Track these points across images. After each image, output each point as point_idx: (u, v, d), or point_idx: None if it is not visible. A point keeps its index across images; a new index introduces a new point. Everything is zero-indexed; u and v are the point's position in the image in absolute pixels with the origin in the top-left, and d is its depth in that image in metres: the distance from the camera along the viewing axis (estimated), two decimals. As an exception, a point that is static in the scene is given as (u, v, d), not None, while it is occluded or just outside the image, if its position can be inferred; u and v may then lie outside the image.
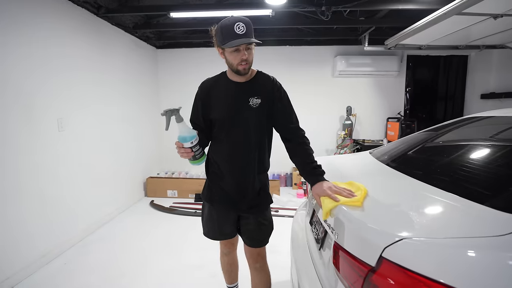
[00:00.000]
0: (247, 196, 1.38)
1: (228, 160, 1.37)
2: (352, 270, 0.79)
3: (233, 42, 1.16)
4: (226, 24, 1.18)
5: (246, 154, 1.34)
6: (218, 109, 1.34)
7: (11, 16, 2.09)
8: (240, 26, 1.15)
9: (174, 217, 3.46)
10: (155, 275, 2.25)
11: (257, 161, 1.37)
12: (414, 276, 0.65)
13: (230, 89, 1.33)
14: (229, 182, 1.39)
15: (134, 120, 3.91)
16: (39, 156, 2.34)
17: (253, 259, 1.51)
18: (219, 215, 1.46)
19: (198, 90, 1.42)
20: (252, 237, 1.46)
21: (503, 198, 0.77)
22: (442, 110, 4.68)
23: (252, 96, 1.31)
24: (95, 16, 3.03)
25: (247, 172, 1.36)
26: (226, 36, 1.18)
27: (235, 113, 1.31)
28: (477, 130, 1.30)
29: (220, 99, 1.34)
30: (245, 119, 1.31)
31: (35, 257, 2.29)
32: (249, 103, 1.30)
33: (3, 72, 2.03)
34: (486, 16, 2.42)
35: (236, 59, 1.22)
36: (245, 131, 1.32)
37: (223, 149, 1.38)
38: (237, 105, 1.31)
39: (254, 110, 1.31)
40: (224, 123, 1.34)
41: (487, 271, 0.60)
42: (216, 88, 1.36)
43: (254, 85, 1.33)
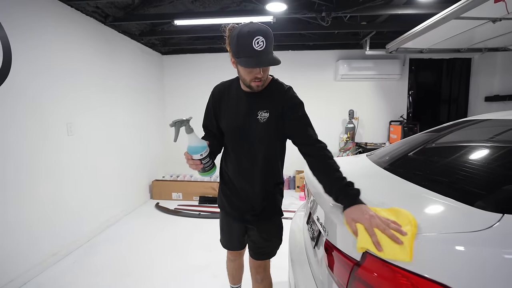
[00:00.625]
0: (254, 209, 1.34)
1: (235, 171, 1.34)
2: (340, 264, 0.83)
3: (249, 62, 1.06)
4: (244, 35, 1.03)
5: (253, 167, 1.29)
6: (227, 119, 1.29)
7: (26, 28, 2.20)
8: (260, 41, 1.01)
9: (179, 219, 3.53)
10: (160, 275, 2.31)
11: (265, 173, 1.30)
12: (395, 269, 0.70)
13: (241, 100, 1.26)
14: (236, 193, 1.36)
15: (140, 124, 4.01)
16: (50, 160, 2.44)
17: (255, 270, 1.50)
18: (229, 225, 1.47)
19: (210, 95, 1.37)
20: (255, 250, 1.43)
21: (480, 197, 0.81)
22: (445, 113, 4.67)
23: (261, 110, 1.22)
24: (103, 24, 3.16)
25: (254, 185, 1.31)
26: (242, 49, 1.05)
27: (242, 126, 1.25)
28: (469, 133, 1.34)
29: (230, 108, 1.28)
30: (252, 133, 1.24)
31: (45, 256, 2.38)
32: (257, 117, 1.22)
33: (20, 81, 2.14)
34: (484, 20, 2.45)
35: (250, 76, 1.12)
36: (252, 144, 1.26)
37: (232, 159, 1.34)
38: (246, 117, 1.24)
39: (261, 125, 1.22)
40: (232, 134, 1.30)
41: (462, 262, 0.64)
42: (227, 95, 1.30)
43: (265, 97, 1.23)
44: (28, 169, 2.24)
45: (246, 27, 1.04)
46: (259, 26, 1.04)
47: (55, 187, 2.50)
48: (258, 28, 1.03)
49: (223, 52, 4.57)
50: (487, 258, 0.62)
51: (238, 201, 1.36)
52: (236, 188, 1.35)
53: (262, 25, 1.06)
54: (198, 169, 1.22)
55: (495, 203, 0.76)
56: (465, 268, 0.63)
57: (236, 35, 1.06)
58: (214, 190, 4.08)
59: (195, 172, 4.79)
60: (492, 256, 0.63)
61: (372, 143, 4.55)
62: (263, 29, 1.04)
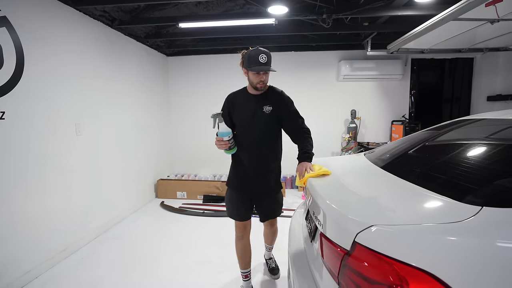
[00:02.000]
0: (261, 182, 1.80)
1: (247, 153, 1.78)
2: (332, 254, 0.90)
3: (256, 68, 1.63)
4: (254, 54, 1.63)
5: (260, 148, 1.77)
6: (240, 114, 1.78)
7: (38, 32, 2.30)
8: (263, 57, 1.61)
9: (184, 217, 3.61)
10: (165, 271, 2.39)
11: (270, 153, 1.81)
12: (383, 258, 0.76)
13: (249, 100, 1.77)
14: (247, 170, 1.79)
15: (145, 125, 4.10)
16: (59, 159, 2.54)
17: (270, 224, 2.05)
18: (238, 199, 1.85)
19: (225, 101, 1.85)
20: (265, 213, 1.92)
21: (463, 192, 0.87)
22: (448, 113, 4.69)
23: (265, 105, 1.75)
24: (110, 27, 3.25)
25: (261, 162, 1.79)
26: (252, 62, 1.63)
27: (252, 117, 1.75)
28: (461, 133, 1.39)
29: (242, 106, 1.78)
30: (260, 121, 1.75)
31: (54, 252, 2.48)
32: (263, 110, 1.75)
33: (31, 84, 2.24)
34: (483, 21, 2.48)
35: (256, 79, 1.68)
36: (260, 130, 1.76)
37: (244, 143, 1.78)
38: (254, 111, 1.75)
39: (266, 115, 1.75)
40: (244, 124, 1.78)
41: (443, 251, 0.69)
42: (238, 99, 1.81)
43: (267, 97, 1.78)
44: (39, 168, 2.34)
45: (254, 49, 1.65)
46: (263, 49, 1.65)
47: (64, 185, 2.60)
48: (261, 50, 1.65)
49: (226, 53, 4.65)
50: (466, 247, 0.68)
51: (248, 177, 1.80)
52: (247, 166, 1.79)
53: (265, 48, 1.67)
54: (225, 148, 1.70)
55: (477, 197, 0.82)
56: (445, 255, 0.69)
57: (248, 53, 1.67)
58: (218, 189, 4.16)
59: (199, 171, 4.91)
60: (470, 244, 0.68)
61: (374, 142, 4.59)
62: (265, 50, 1.65)
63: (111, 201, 3.31)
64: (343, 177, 1.33)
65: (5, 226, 2.06)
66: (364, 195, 0.99)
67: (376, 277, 0.75)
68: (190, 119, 4.93)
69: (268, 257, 2.35)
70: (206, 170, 4.95)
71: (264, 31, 3.67)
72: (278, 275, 2.25)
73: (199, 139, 4.91)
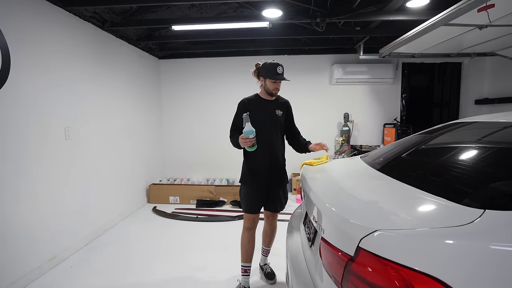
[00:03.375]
0: (275, 175, 2.05)
1: (262, 150, 1.97)
2: (335, 260, 0.88)
3: (275, 77, 1.93)
4: (271, 65, 1.93)
5: (274, 146, 2.03)
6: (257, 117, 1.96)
7: (25, 33, 2.23)
8: (280, 68, 1.94)
9: (177, 222, 3.55)
10: (158, 277, 2.33)
11: (280, 151, 2.08)
12: (387, 263, 0.75)
13: (264, 104, 2.04)
14: (262, 167, 2.01)
15: (137, 128, 4.03)
16: (48, 164, 2.45)
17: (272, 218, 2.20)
18: (255, 194, 2.04)
19: (240, 105, 2.04)
20: (275, 205, 2.11)
21: (465, 194, 0.86)
22: (438, 116, 4.78)
23: (278, 109, 2.06)
24: (101, 29, 3.19)
25: (274, 159, 2.03)
26: (269, 72, 1.93)
27: (269, 119, 2.02)
28: (457, 135, 1.40)
29: (258, 110, 2.00)
30: (274, 123, 2.03)
31: (43, 261, 2.38)
32: (276, 113, 2.05)
33: (18, 86, 2.16)
34: (472, 27, 2.54)
35: (273, 87, 1.97)
36: (274, 130, 2.03)
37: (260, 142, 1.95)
38: (269, 113, 2.03)
39: (279, 117, 2.06)
40: (261, 125, 1.95)
41: (447, 255, 0.69)
42: (252, 104, 2.03)
43: (278, 102, 2.09)
44: (27, 173, 2.25)
45: (272, 62, 1.95)
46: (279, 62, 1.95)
47: (53, 191, 2.52)
48: (278, 63, 1.95)
49: (219, 56, 4.63)
50: (471, 250, 0.68)
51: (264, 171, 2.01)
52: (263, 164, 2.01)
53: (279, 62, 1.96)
54: (250, 145, 1.88)
55: (478, 200, 0.82)
56: (451, 260, 0.68)
57: (267, 64, 1.95)
58: (212, 193, 4.11)
59: (192, 175, 4.85)
60: (475, 248, 0.68)
61: (367, 145, 4.63)
62: (280, 63, 1.95)
63: (102, 207, 3.22)
64: (341, 180, 1.32)
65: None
66: (365, 199, 0.98)
67: (382, 282, 0.74)
68: (182, 122, 4.88)
69: (263, 262, 2.37)
70: (199, 174, 4.89)
71: (258, 34, 3.67)
72: (274, 280, 2.25)
73: (192, 142, 4.86)
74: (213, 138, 4.81)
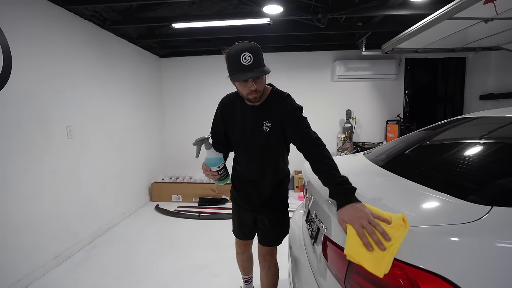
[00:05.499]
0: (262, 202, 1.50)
1: (245, 172, 1.51)
2: (338, 258, 0.86)
3: (239, 76, 1.17)
4: (233, 53, 1.17)
5: (260, 168, 1.45)
6: (235, 131, 1.43)
7: (26, 33, 2.23)
8: (247, 56, 1.14)
9: (179, 220, 3.55)
10: (161, 275, 2.33)
11: (270, 173, 1.46)
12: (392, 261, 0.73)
13: (246, 113, 1.38)
14: (247, 190, 1.52)
15: (138, 127, 4.03)
16: (50, 163, 2.46)
17: (262, 257, 1.62)
18: (240, 216, 1.62)
19: (217, 107, 1.49)
20: (264, 235, 1.58)
21: (471, 191, 0.84)
22: (442, 112, 4.73)
23: (264, 121, 1.34)
24: (101, 28, 3.18)
25: (261, 183, 1.47)
26: (233, 67, 1.18)
27: (249, 137, 1.39)
28: (462, 131, 1.38)
29: (237, 121, 1.41)
30: (258, 142, 1.38)
31: (46, 259, 2.39)
32: (262, 127, 1.35)
33: (19, 86, 2.16)
34: (477, 20, 2.50)
35: (245, 90, 1.23)
36: (258, 151, 1.40)
37: (242, 161, 1.51)
38: (251, 129, 1.37)
39: (266, 134, 1.35)
40: (240, 144, 1.45)
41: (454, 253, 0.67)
42: (233, 108, 1.42)
43: (266, 108, 1.35)
44: (29, 173, 2.26)
45: (234, 47, 1.18)
46: (246, 43, 1.17)
47: (56, 190, 2.52)
48: (243, 46, 1.16)
49: (220, 54, 4.59)
50: (478, 248, 0.66)
51: (248, 196, 1.52)
52: (246, 185, 1.51)
53: (250, 42, 1.18)
54: (215, 179, 1.35)
55: (485, 196, 0.80)
56: (457, 258, 0.66)
57: (227, 54, 1.20)
58: (214, 191, 4.10)
59: (194, 173, 4.85)
60: (482, 246, 0.66)
61: (369, 142, 4.60)
62: (249, 45, 1.16)
63: (105, 206, 3.23)
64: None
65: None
66: (369, 196, 0.96)
67: (386, 281, 0.72)
68: (184, 120, 4.87)
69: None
70: (201, 172, 4.85)
71: (259, 31, 3.64)
72: None
73: (193, 140, 4.84)
74: (215, 136, 4.80)
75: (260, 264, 1.66)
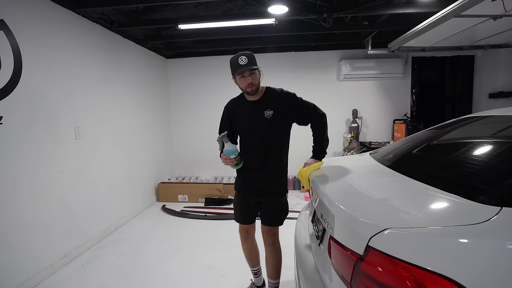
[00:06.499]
0: (266, 185, 1.76)
1: (251, 160, 1.76)
2: (343, 259, 0.86)
3: (238, 71, 1.58)
4: (234, 58, 1.61)
5: (264, 154, 1.72)
6: (241, 123, 1.77)
7: (36, 36, 2.27)
8: (243, 58, 1.57)
9: (185, 220, 3.57)
10: (168, 275, 2.35)
11: (273, 159, 1.75)
12: (398, 263, 0.72)
13: (248, 108, 1.73)
14: (252, 174, 1.77)
15: (145, 128, 4.07)
16: (59, 164, 2.50)
17: (266, 234, 1.85)
18: (244, 202, 1.85)
19: (224, 110, 1.83)
20: (267, 216, 1.82)
21: (480, 191, 0.83)
22: (450, 111, 4.66)
23: (266, 109, 1.68)
24: (108, 30, 3.22)
25: (267, 167, 1.74)
26: (234, 67, 1.61)
27: (253, 125, 1.71)
28: (471, 130, 1.35)
29: (242, 116, 1.76)
30: (262, 127, 1.69)
31: (54, 259, 2.43)
32: (264, 115, 1.68)
33: (29, 88, 2.20)
34: (485, 17, 2.46)
35: (244, 83, 1.63)
36: (264, 136, 1.71)
37: (247, 150, 1.78)
38: (254, 119, 1.70)
39: (268, 120, 1.68)
40: (246, 133, 1.77)
41: (462, 254, 0.66)
42: (237, 108, 1.78)
43: (266, 100, 1.71)
44: (38, 173, 2.30)
45: (235, 55, 1.61)
46: (243, 52, 1.62)
47: (64, 190, 2.56)
48: (240, 53, 1.61)
49: (226, 54, 4.61)
50: (487, 250, 0.65)
51: (253, 182, 1.78)
52: (252, 171, 1.77)
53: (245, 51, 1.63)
54: (232, 165, 1.71)
55: (494, 197, 0.78)
56: (465, 260, 0.65)
57: (230, 61, 1.64)
58: (220, 191, 4.12)
59: (200, 174, 4.87)
60: (491, 247, 0.65)
61: (376, 142, 4.56)
62: (244, 52, 1.61)
63: (112, 206, 3.27)
64: (350, 177, 1.29)
65: (4, 233, 2.02)
66: (375, 196, 0.96)
67: (392, 282, 0.72)
68: (190, 121, 4.90)
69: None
70: (207, 173, 4.91)
71: (264, 31, 3.64)
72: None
73: (200, 141, 4.88)
74: (220, 136, 4.82)
75: (264, 242, 1.89)
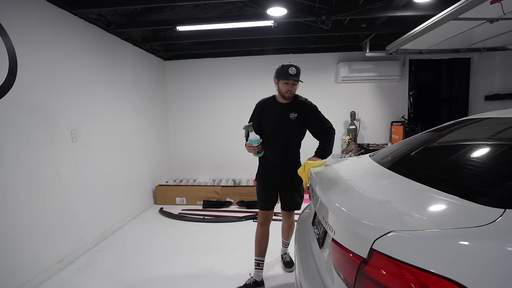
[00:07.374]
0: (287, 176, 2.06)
1: (274, 153, 2.05)
2: (347, 263, 0.85)
3: (285, 78, 1.90)
4: (285, 65, 1.90)
5: (286, 148, 2.06)
6: (269, 121, 2.06)
7: (31, 37, 2.25)
8: (293, 69, 1.89)
9: (183, 223, 3.55)
10: (165, 279, 2.32)
11: (292, 152, 2.10)
12: (403, 266, 0.71)
13: (277, 108, 2.05)
14: (275, 167, 2.07)
15: (143, 130, 4.04)
16: (55, 167, 2.47)
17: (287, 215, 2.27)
18: (267, 191, 2.12)
19: (256, 106, 2.13)
20: (289, 204, 2.18)
21: (482, 194, 0.83)
22: (446, 113, 4.69)
23: (291, 112, 2.02)
24: (106, 32, 3.20)
25: (287, 159, 2.08)
26: (282, 73, 1.91)
27: (280, 123, 2.03)
28: (470, 132, 1.36)
29: (271, 114, 2.05)
30: (287, 126, 2.03)
31: (50, 263, 2.39)
32: (290, 117, 2.01)
33: (25, 89, 2.17)
34: (482, 21, 2.48)
35: (285, 88, 1.94)
36: (287, 133, 2.04)
37: (272, 145, 2.05)
38: (282, 118, 2.03)
39: (292, 121, 2.02)
40: (274, 129, 2.05)
41: (466, 257, 0.65)
42: (268, 106, 2.08)
43: (293, 104, 2.04)
44: (34, 176, 2.27)
45: (287, 63, 1.92)
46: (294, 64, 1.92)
47: (60, 193, 2.53)
48: (293, 64, 1.92)
49: (224, 56, 4.62)
50: (493, 252, 0.64)
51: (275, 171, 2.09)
52: (275, 163, 2.08)
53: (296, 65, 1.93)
54: (255, 152, 1.97)
55: (497, 199, 0.78)
56: (469, 262, 0.64)
57: (280, 66, 1.94)
58: (218, 194, 4.10)
59: (198, 176, 4.85)
60: (496, 250, 0.64)
61: (374, 144, 4.57)
62: (295, 65, 1.92)
63: (109, 209, 3.23)
64: (350, 179, 1.29)
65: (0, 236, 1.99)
66: (377, 198, 0.95)
67: (397, 286, 0.71)
68: (188, 123, 4.88)
69: (283, 252, 2.50)
70: (205, 175, 4.89)
71: (263, 33, 3.64)
72: (292, 269, 2.36)
73: (198, 143, 4.86)
74: (218, 138, 4.81)
75: (283, 219, 2.31)
